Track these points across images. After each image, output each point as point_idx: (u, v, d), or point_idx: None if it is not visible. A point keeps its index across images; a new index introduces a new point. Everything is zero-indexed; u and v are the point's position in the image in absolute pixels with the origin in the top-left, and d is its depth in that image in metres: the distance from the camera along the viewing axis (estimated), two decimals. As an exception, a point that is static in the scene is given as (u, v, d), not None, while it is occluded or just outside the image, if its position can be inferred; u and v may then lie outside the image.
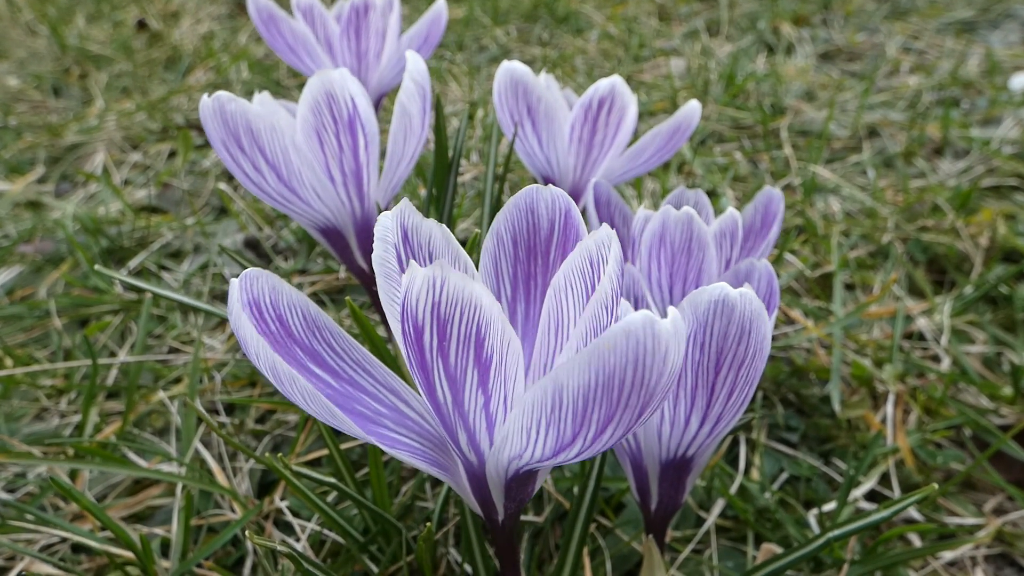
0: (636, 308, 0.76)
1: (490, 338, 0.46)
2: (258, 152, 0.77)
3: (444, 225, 0.56)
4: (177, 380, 1.29)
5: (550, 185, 0.58)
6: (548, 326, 0.52)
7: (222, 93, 0.75)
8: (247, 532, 0.60)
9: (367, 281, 0.94)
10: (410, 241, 0.55)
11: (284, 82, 2.54)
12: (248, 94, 0.86)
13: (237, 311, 0.48)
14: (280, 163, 0.78)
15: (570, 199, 0.58)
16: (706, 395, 0.63)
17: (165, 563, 0.95)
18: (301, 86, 1.05)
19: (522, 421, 0.46)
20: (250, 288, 0.52)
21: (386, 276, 0.53)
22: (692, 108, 1.06)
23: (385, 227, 0.53)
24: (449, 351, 0.47)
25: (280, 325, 0.54)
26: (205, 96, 0.76)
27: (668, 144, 1.08)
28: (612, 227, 1.01)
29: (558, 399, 0.44)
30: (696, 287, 0.91)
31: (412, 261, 0.46)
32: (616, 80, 1.04)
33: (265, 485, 1.09)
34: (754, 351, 0.60)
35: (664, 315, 0.90)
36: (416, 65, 0.85)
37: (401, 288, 0.47)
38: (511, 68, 1.04)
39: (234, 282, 0.50)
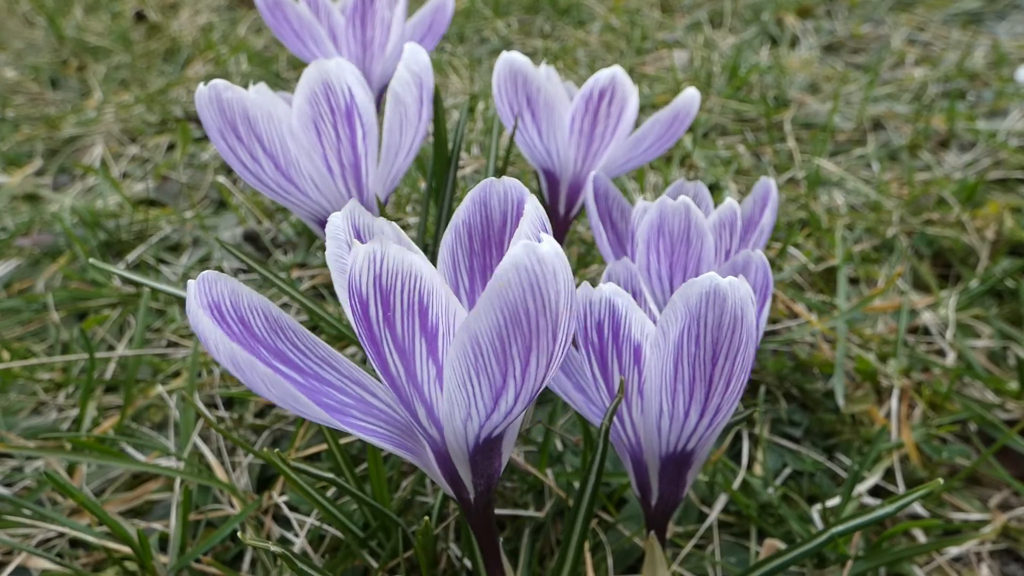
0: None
1: (434, 307, 0.48)
2: (255, 140, 0.76)
3: (395, 223, 0.59)
4: (176, 374, 1.29)
5: (504, 177, 0.59)
6: None
7: (218, 81, 0.74)
8: (240, 533, 0.59)
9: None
10: (363, 239, 0.57)
11: (284, 74, 2.52)
12: (248, 86, 0.85)
13: (194, 308, 0.49)
14: (278, 152, 0.77)
15: (524, 189, 0.58)
16: (704, 387, 0.63)
17: (163, 558, 0.94)
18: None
19: (456, 379, 0.49)
20: (209, 291, 0.52)
21: (340, 271, 0.54)
22: (691, 95, 1.05)
23: (336, 226, 0.56)
24: (395, 321, 0.48)
25: (243, 326, 0.54)
26: (201, 84, 0.75)
27: (668, 132, 1.07)
28: (611, 221, 1.00)
29: (477, 346, 0.46)
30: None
31: (355, 240, 0.48)
32: (616, 70, 1.02)
33: (264, 480, 1.08)
34: (747, 338, 0.60)
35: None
36: (414, 55, 0.83)
37: (347, 267, 0.48)
38: (510, 59, 1.02)
39: (191, 283, 0.51)
